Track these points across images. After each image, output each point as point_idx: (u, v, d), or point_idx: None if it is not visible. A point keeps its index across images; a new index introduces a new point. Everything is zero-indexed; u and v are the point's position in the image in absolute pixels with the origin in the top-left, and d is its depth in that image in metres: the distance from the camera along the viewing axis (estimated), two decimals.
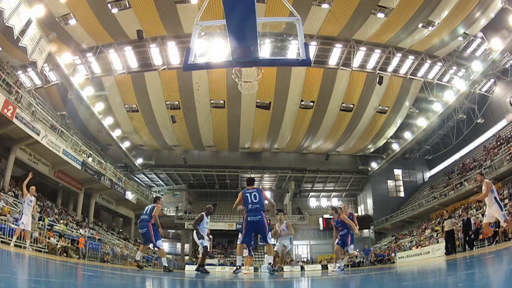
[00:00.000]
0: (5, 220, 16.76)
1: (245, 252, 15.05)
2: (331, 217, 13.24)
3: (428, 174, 50.68)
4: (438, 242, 25.53)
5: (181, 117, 37.43)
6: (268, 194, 56.33)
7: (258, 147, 46.56)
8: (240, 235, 9.97)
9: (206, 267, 11.98)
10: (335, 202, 57.74)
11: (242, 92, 24.45)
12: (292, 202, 51.70)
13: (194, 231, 12.10)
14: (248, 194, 9.25)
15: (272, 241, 15.72)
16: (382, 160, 47.18)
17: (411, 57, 33.07)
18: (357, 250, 28.28)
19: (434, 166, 48.86)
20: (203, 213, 12.09)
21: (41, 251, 18.05)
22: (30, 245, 15.89)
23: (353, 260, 31.27)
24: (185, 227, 45.60)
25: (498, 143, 32.70)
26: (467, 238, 18.26)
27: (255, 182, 44.68)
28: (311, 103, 36.68)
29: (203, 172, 49.20)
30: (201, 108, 36.49)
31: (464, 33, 29.62)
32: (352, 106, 37.53)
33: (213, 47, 6.63)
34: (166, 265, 11.43)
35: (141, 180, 51.74)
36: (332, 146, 46.18)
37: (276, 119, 38.44)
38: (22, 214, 13.48)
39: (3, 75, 22.62)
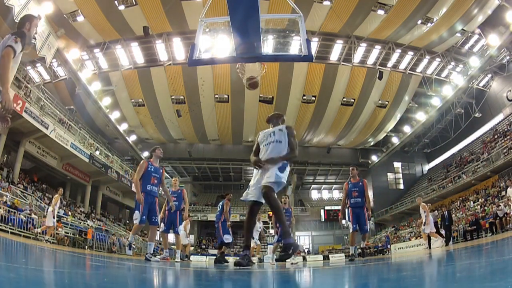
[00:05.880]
0: (14, 212, 16.83)
1: (253, 242, 15.17)
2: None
3: (427, 167, 50.67)
4: None
5: (186, 111, 37.48)
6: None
7: None
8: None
9: (211, 257, 11.85)
10: (337, 194, 57.85)
11: (246, 87, 24.45)
12: (294, 194, 51.74)
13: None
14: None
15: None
16: (382, 153, 47.18)
17: (411, 53, 32.98)
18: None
19: (433, 159, 48.81)
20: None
21: (50, 242, 18.19)
22: (41, 236, 16.25)
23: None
24: None
25: (495, 137, 32.68)
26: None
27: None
28: (313, 98, 36.70)
29: (207, 165, 49.42)
30: (206, 103, 36.55)
31: (462, 29, 29.57)
32: (353, 100, 37.50)
33: (218, 43, 6.63)
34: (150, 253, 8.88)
35: None
36: (333, 140, 46.16)
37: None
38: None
39: None
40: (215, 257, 13.70)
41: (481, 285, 2.11)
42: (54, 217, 15.62)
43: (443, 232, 17.83)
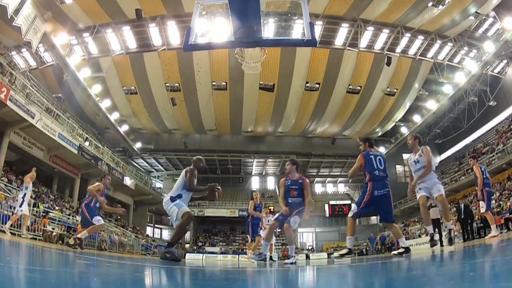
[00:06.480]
0: None
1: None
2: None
3: (438, 159, 50.62)
4: None
5: (181, 100, 37.64)
6: (272, 179, 56.79)
7: (262, 130, 46.77)
8: (354, 207, 7.44)
9: (209, 255, 11.59)
10: (342, 188, 57.93)
11: (245, 71, 24.47)
12: None
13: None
14: (372, 157, 7.44)
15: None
16: (391, 144, 47.19)
17: (421, 37, 33.04)
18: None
19: (445, 150, 48.83)
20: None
21: (35, 238, 18.21)
22: (27, 233, 16.10)
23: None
24: None
25: (511, 127, 32.69)
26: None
27: (259, 168, 44.38)
28: (317, 85, 36.81)
29: (204, 156, 48.01)
30: (202, 90, 36.69)
31: (476, 12, 29.39)
32: (359, 88, 37.64)
33: (215, 27, 6.70)
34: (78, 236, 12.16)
35: (139, 165, 52.03)
36: (338, 130, 46.32)
37: (280, 101, 38.63)
38: (23, 201, 13.71)
39: None
40: (213, 255, 13.60)
41: None
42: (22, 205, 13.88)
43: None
